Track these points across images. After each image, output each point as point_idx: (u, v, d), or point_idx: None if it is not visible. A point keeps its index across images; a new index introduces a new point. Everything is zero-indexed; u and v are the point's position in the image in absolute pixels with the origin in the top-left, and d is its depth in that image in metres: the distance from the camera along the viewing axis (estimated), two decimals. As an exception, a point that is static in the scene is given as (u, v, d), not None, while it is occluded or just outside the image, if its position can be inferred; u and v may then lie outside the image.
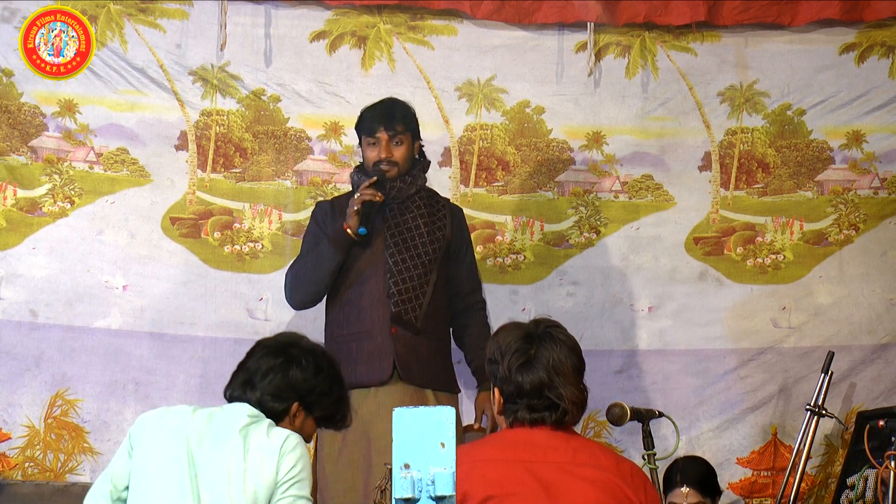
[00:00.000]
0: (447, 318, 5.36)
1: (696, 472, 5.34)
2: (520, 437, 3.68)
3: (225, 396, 4.17)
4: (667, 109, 6.09)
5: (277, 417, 4.10)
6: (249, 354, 4.21)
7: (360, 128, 5.36)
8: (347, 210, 5.21)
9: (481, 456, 3.65)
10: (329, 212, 5.37)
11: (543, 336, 3.71)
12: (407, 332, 5.20)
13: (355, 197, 5.20)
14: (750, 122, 6.11)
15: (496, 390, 3.73)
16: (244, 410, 4.06)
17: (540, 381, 3.66)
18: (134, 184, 5.88)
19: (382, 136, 5.27)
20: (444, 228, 5.34)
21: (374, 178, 5.20)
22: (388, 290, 5.21)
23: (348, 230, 5.18)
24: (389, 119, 5.28)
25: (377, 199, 5.18)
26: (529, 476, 3.60)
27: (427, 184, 5.43)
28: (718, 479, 5.51)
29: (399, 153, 5.28)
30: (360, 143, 5.39)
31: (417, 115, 5.39)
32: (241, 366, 4.19)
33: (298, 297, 5.36)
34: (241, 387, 4.13)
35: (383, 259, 5.23)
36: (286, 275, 5.39)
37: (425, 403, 5.08)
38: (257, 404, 4.09)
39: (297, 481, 3.97)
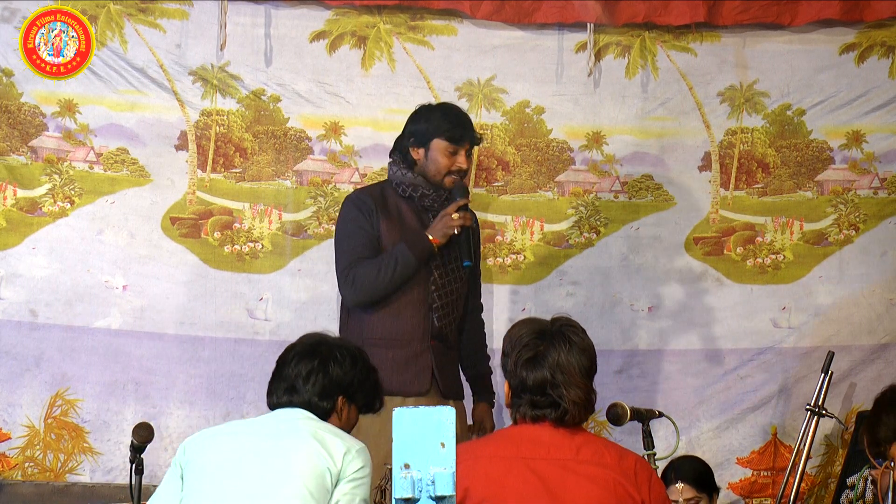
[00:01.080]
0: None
1: (691, 468, 5.35)
2: (523, 433, 3.68)
3: (269, 406, 4.19)
4: (667, 109, 6.09)
5: (326, 415, 4.16)
6: (282, 362, 4.23)
7: (436, 129, 5.18)
8: (441, 228, 5.10)
9: (484, 452, 3.65)
10: (374, 208, 5.20)
11: (555, 334, 3.70)
12: (441, 345, 5.19)
13: (453, 217, 5.09)
14: (750, 122, 6.11)
15: (506, 382, 3.75)
16: (301, 412, 4.12)
17: (543, 379, 3.66)
18: (134, 184, 5.88)
19: (466, 146, 5.21)
20: (472, 238, 5.31)
21: (468, 199, 5.17)
22: (430, 303, 5.16)
23: (434, 244, 5.11)
24: (473, 131, 5.24)
25: (472, 224, 5.16)
26: (531, 474, 3.60)
27: None
28: (718, 479, 5.51)
29: (468, 166, 5.26)
30: (415, 141, 5.20)
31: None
32: (278, 374, 4.22)
33: (367, 296, 5.16)
34: (285, 394, 4.16)
35: (427, 269, 5.17)
36: (351, 271, 5.15)
37: None
38: (306, 406, 4.13)
39: (361, 484, 4.02)
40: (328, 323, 5.83)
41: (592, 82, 6.06)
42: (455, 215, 5.11)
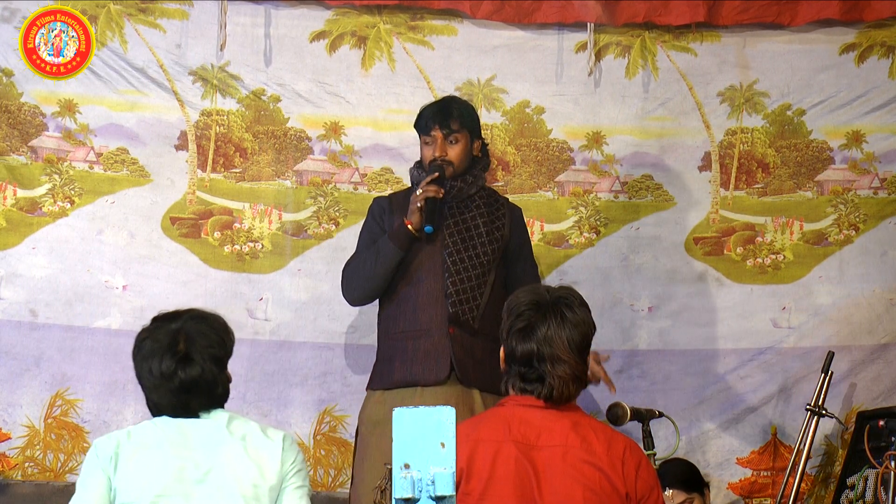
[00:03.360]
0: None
1: (675, 472, 5.37)
2: (515, 413, 3.72)
3: (177, 412, 4.07)
4: (667, 109, 6.09)
5: (228, 394, 4.17)
6: (167, 374, 4.03)
7: (417, 126, 5.32)
8: (409, 206, 5.17)
9: (480, 436, 3.69)
10: (387, 208, 5.31)
11: (550, 307, 3.73)
12: (464, 333, 5.16)
13: (417, 193, 5.15)
14: (750, 122, 6.11)
15: (502, 347, 3.79)
16: (221, 416, 4.10)
17: (530, 351, 3.72)
18: (134, 184, 5.88)
19: (437, 134, 5.24)
20: (502, 228, 5.31)
21: (436, 173, 5.16)
22: (445, 290, 5.17)
23: (410, 226, 5.15)
24: (444, 117, 5.24)
25: (439, 195, 5.14)
26: (523, 460, 3.65)
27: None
28: (718, 479, 5.51)
29: (454, 152, 5.24)
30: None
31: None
32: (179, 386, 4.03)
33: (356, 293, 5.30)
34: (195, 399, 4.07)
35: (441, 258, 5.19)
36: (343, 271, 5.33)
37: (472, 404, 5.07)
38: (220, 399, 4.13)
39: (300, 470, 4.07)
40: (328, 323, 5.84)
41: (592, 82, 6.06)
42: (419, 191, 5.14)
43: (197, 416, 4.07)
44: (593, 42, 6.02)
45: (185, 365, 4.06)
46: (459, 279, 5.18)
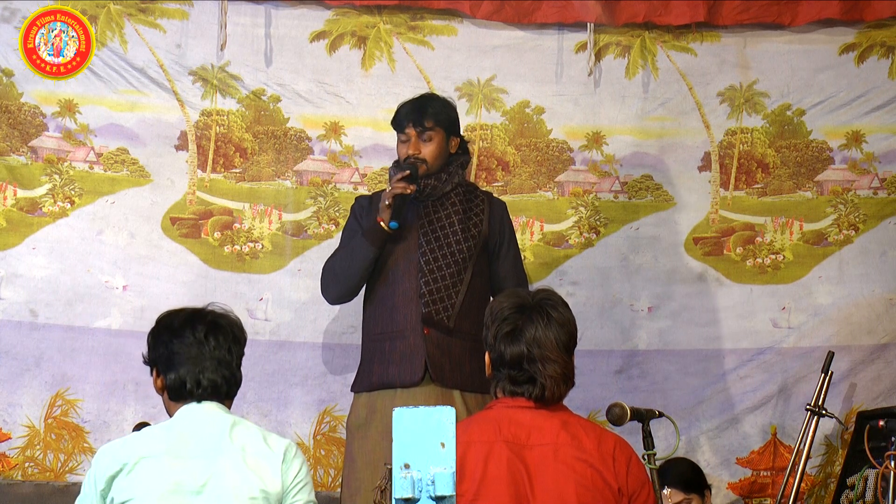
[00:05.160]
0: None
1: (675, 472, 5.37)
2: (505, 415, 3.74)
3: (195, 390, 4.09)
4: (666, 109, 6.09)
5: (238, 385, 4.16)
6: (198, 341, 4.08)
7: (393, 123, 5.33)
8: (379, 204, 5.18)
9: (471, 438, 3.71)
10: (367, 206, 5.31)
11: (535, 309, 3.78)
12: (439, 333, 5.14)
13: (387, 190, 5.16)
14: (749, 123, 6.11)
15: (487, 353, 3.81)
16: (225, 420, 4.07)
17: (520, 353, 3.74)
18: (134, 184, 5.88)
19: (411, 132, 5.24)
20: (480, 224, 5.29)
21: (407, 171, 5.15)
22: (419, 290, 5.16)
23: (382, 224, 5.14)
24: (418, 115, 5.24)
25: (408, 191, 5.13)
26: (515, 459, 3.66)
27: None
28: (718, 479, 5.50)
29: (427, 150, 5.23)
30: None
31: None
32: (196, 355, 4.07)
33: (332, 291, 5.32)
34: (215, 371, 4.08)
35: (416, 258, 5.19)
36: (322, 270, 5.36)
37: (451, 405, 5.05)
38: (237, 384, 4.13)
39: (305, 485, 4.04)
40: (328, 323, 5.84)
41: (592, 82, 6.06)
42: (388, 188, 5.15)
43: (219, 400, 4.08)
44: (593, 42, 6.02)
45: (216, 331, 4.10)
46: (433, 279, 5.17)
